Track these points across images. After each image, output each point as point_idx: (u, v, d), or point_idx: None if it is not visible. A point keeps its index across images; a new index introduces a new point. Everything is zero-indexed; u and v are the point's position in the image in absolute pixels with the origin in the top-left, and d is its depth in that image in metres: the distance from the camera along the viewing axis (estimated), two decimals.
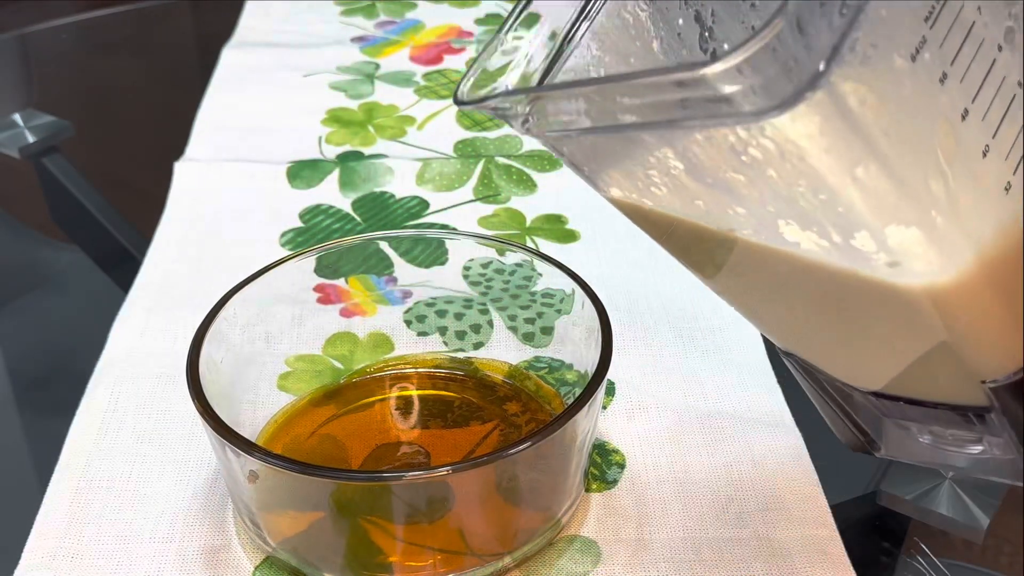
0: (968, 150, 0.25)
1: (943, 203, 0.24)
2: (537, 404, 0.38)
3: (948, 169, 0.24)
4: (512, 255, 0.40)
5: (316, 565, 0.33)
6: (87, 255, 0.56)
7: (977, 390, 0.28)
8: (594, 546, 0.34)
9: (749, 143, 0.23)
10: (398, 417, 0.38)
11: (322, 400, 0.39)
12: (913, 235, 0.24)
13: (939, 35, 0.24)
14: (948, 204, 0.24)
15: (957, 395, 0.29)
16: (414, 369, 0.40)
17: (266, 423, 0.38)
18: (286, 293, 0.39)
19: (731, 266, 0.29)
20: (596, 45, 0.31)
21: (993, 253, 0.26)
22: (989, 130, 0.25)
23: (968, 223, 0.25)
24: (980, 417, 0.28)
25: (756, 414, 0.39)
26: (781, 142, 0.22)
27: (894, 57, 0.23)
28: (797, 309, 0.29)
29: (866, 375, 0.30)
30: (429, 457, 0.36)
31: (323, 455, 0.36)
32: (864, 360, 0.30)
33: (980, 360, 0.28)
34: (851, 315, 0.28)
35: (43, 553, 0.34)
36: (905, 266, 0.25)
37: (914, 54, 0.23)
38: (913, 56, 0.23)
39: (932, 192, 0.24)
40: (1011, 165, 0.26)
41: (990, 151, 0.25)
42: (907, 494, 0.37)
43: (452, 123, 0.59)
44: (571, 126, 0.25)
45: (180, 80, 0.74)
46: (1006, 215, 0.26)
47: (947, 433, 0.30)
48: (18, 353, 0.49)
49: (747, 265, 0.28)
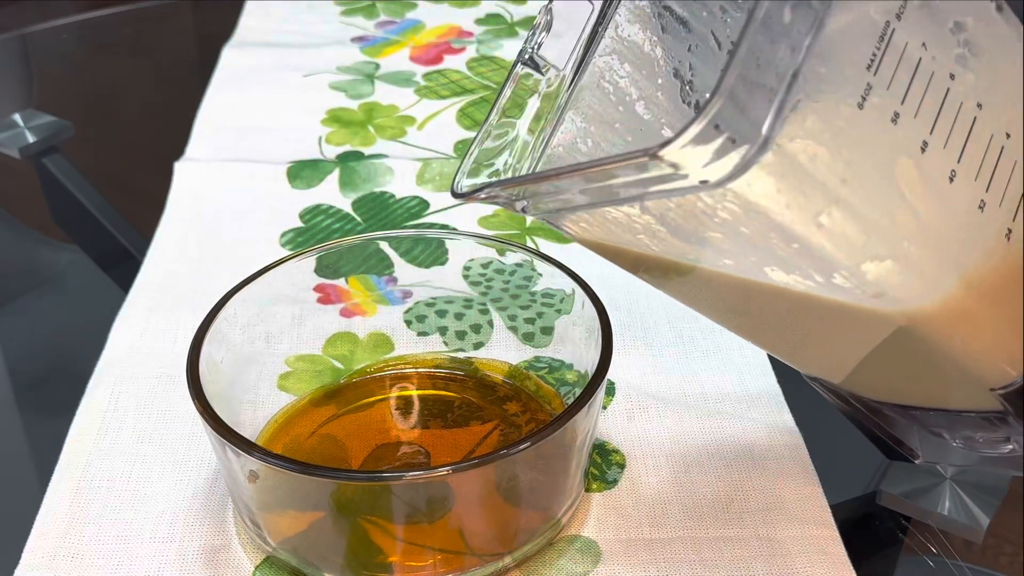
0: (933, 178, 0.26)
1: (914, 233, 0.25)
2: (537, 404, 0.38)
3: (914, 200, 0.25)
4: (512, 255, 0.40)
5: (316, 565, 0.33)
6: (87, 255, 0.56)
7: (990, 396, 0.28)
8: (594, 546, 0.34)
9: (716, 208, 0.24)
10: (398, 417, 0.38)
11: (322, 400, 0.39)
12: (889, 267, 0.25)
13: (884, 79, 0.25)
14: (919, 233, 0.25)
15: (974, 403, 0.29)
16: (414, 369, 0.40)
17: (266, 423, 0.38)
18: (286, 293, 0.39)
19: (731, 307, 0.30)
20: (580, 118, 0.32)
21: (977, 270, 0.26)
22: (953, 155, 0.26)
23: (945, 246, 0.26)
24: (1001, 420, 0.29)
25: (756, 414, 0.39)
26: (744, 204, 0.24)
27: (841, 108, 0.24)
28: (806, 341, 0.31)
29: (881, 390, 0.31)
30: (429, 457, 0.36)
31: (323, 455, 0.36)
32: (875, 378, 0.31)
33: (983, 370, 0.28)
34: (853, 340, 0.29)
35: (43, 553, 0.34)
36: (889, 295, 0.26)
37: (861, 102, 0.24)
38: (860, 104, 0.24)
39: (900, 224, 0.25)
40: (982, 184, 0.26)
41: (957, 175, 0.26)
42: (907, 494, 0.37)
43: (452, 123, 0.59)
44: (561, 207, 0.27)
45: (180, 80, 0.74)
46: (984, 232, 0.26)
47: (977, 436, 0.30)
48: (18, 353, 0.49)
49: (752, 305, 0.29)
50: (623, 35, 0.32)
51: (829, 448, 0.39)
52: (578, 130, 0.32)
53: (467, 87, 0.63)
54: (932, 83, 0.25)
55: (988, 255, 0.26)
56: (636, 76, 0.32)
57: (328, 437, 0.37)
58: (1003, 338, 0.27)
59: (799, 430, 0.39)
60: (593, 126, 0.32)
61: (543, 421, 0.37)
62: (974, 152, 0.26)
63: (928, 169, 0.25)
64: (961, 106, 0.26)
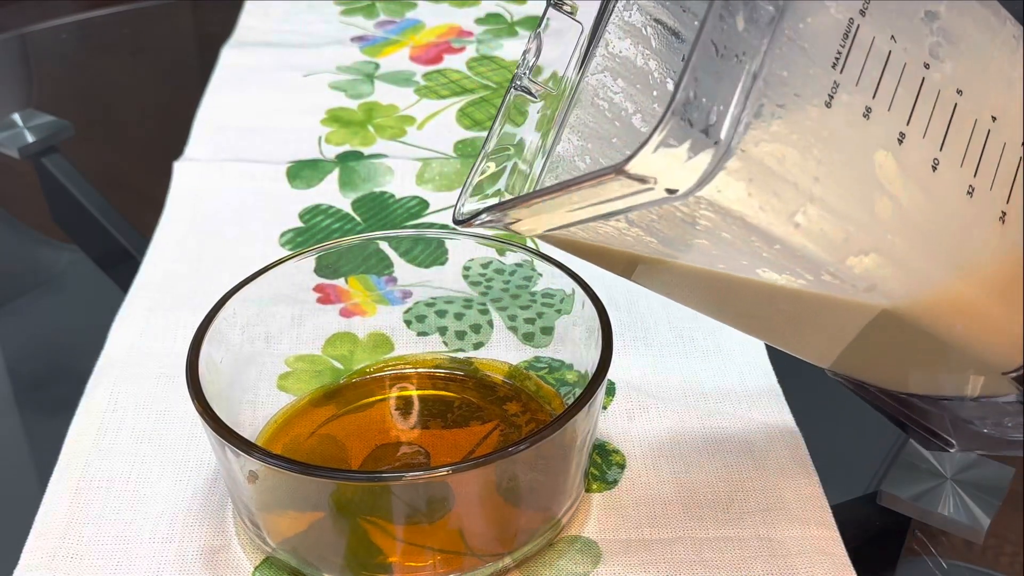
0: (914, 169, 0.26)
1: (897, 225, 0.25)
2: (537, 404, 0.38)
3: (895, 192, 0.25)
4: (512, 255, 0.40)
5: (316, 565, 0.33)
6: (87, 255, 0.56)
7: (1004, 381, 0.29)
8: (594, 546, 0.34)
9: (695, 215, 0.25)
10: (398, 417, 0.38)
11: (322, 400, 0.39)
12: (875, 261, 0.26)
13: (852, 75, 0.25)
14: (904, 224, 0.26)
15: (993, 388, 0.29)
16: (414, 369, 0.40)
17: (265, 423, 0.38)
18: (286, 293, 0.39)
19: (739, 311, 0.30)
20: (577, 136, 0.33)
21: (972, 257, 0.27)
22: (934, 145, 0.26)
23: (934, 235, 0.26)
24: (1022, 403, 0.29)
25: (756, 414, 0.39)
26: (718, 210, 0.24)
27: (807, 109, 0.24)
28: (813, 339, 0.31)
29: (902, 382, 0.31)
30: (429, 457, 0.36)
31: (323, 455, 0.36)
32: (889, 369, 0.31)
33: (992, 355, 0.28)
34: (861, 335, 0.29)
35: (43, 553, 0.34)
36: (881, 288, 0.26)
37: (828, 100, 0.24)
38: (828, 103, 0.24)
39: (881, 218, 0.25)
40: (969, 170, 0.26)
41: (940, 164, 0.26)
42: (907, 494, 0.37)
43: (452, 123, 0.59)
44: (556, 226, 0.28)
45: (180, 80, 0.74)
46: (977, 218, 0.27)
47: (1005, 421, 0.31)
48: (18, 353, 0.49)
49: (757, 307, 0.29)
50: (614, 51, 0.32)
51: (829, 448, 0.39)
52: (576, 149, 0.33)
53: (467, 87, 0.63)
54: (905, 75, 0.25)
55: (984, 241, 0.27)
56: (631, 91, 0.32)
57: (328, 437, 0.37)
58: (1007, 323, 0.28)
59: (799, 430, 0.39)
60: (590, 143, 0.33)
61: (543, 421, 0.37)
62: (957, 139, 0.26)
63: (908, 160, 0.25)
64: (939, 94, 0.26)
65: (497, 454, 0.30)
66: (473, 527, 0.32)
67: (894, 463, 0.38)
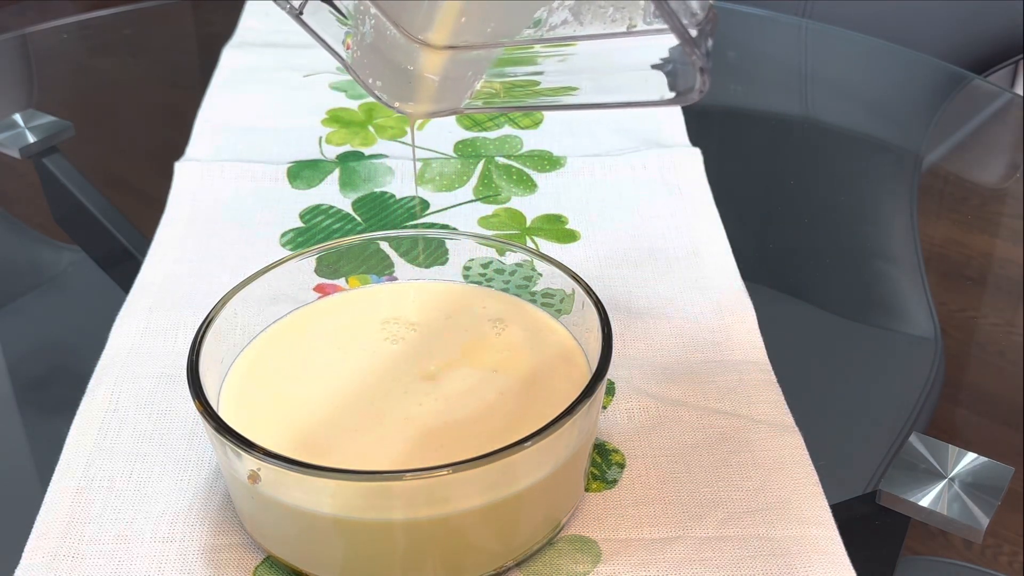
0: None
1: None
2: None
3: None
4: (512, 255, 0.40)
5: (316, 564, 0.33)
6: (88, 255, 0.56)
7: None
8: (594, 546, 0.35)
9: None
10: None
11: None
12: None
13: None
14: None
15: None
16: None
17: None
18: (286, 293, 0.39)
19: None
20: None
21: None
22: None
23: None
24: None
25: (756, 414, 0.39)
26: None
27: None
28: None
29: None
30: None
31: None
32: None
33: None
34: None
35: (44, 553, 0.34)
36: None
37: None
38: None
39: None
40: None
41: None
42: (907, 494, 0.37)
43: (452, 123, 0.59)
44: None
45: (180, 80, 0.74)
46: None
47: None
48: (18, 353, 0.49)
49: None
50: None
51: (829, 448, 0.39)
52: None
53: None
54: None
55: None
56: None
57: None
58: None
59: (799, 430, 0.39)
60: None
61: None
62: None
63: None
64: None
65: (497, 454, 0.30)
66: (473, 527, 0.32)
67: (893, 462, 0.38)
